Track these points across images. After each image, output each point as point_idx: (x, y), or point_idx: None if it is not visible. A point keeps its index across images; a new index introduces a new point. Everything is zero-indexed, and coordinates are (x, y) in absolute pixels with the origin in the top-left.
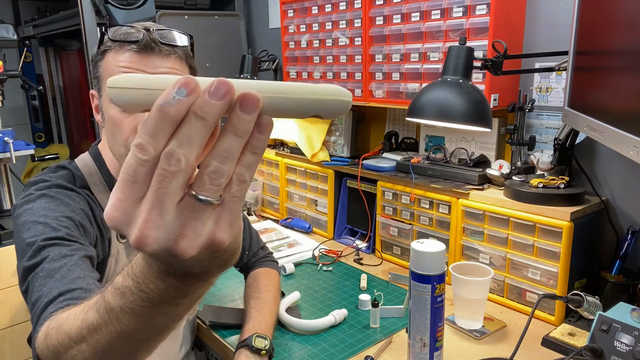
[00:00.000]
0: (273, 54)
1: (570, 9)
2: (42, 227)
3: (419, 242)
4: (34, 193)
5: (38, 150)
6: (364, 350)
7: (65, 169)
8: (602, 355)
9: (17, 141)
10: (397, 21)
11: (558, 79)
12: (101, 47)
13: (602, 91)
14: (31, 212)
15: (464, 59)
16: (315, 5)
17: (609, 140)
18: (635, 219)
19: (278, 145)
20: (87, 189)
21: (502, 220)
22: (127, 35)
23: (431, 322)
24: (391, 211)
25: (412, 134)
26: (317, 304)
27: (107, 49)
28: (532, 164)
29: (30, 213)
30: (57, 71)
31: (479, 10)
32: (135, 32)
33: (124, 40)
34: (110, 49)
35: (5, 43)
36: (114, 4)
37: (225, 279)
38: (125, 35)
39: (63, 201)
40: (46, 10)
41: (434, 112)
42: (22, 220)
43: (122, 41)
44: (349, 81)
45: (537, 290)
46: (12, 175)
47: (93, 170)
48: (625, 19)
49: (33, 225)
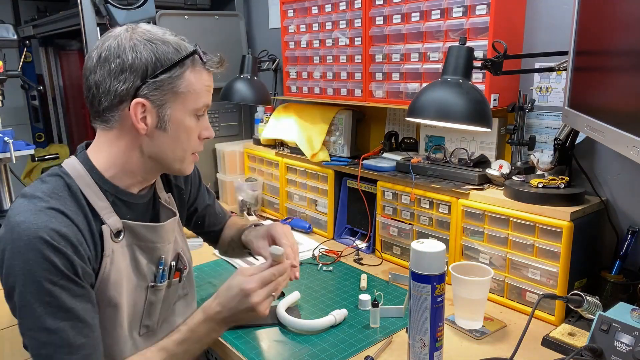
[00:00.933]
0: (273, 54)
1: (570, 9)
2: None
3: (419, 242)
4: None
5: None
6: (364, 350)
7: (56, 176)
8: (602, 355)
9: (17, 141)
10: (397, 21)
11: (558, 79)
12: (184, 63)
13: (602, 91)
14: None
15: (464, 59)
16: (315, 5)
17: (609, 140)
18: (635, 219)
19: (278, 145)
20: (78, 192)
21: (502, 220)
22: (210, 56)
23: (431, 322)
24: (391, 211)
25: (412, 134)
26: (317, 304)
27: (187, 65)
28: (532, 164)
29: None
30: (57, 71)
31: (479, 10)
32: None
33: (214, 60)
34: (192, 66)
35: (5, 43)
36: (114, 4)
37: (224, 279)
38: (209, 56)
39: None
40: (46, 10)
41: (434, 112)
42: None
43: (211, 62)
44: (349, 81)
45: (537, 290)
46: (12, 175)
47: (83, 173)
48: (625, 19)
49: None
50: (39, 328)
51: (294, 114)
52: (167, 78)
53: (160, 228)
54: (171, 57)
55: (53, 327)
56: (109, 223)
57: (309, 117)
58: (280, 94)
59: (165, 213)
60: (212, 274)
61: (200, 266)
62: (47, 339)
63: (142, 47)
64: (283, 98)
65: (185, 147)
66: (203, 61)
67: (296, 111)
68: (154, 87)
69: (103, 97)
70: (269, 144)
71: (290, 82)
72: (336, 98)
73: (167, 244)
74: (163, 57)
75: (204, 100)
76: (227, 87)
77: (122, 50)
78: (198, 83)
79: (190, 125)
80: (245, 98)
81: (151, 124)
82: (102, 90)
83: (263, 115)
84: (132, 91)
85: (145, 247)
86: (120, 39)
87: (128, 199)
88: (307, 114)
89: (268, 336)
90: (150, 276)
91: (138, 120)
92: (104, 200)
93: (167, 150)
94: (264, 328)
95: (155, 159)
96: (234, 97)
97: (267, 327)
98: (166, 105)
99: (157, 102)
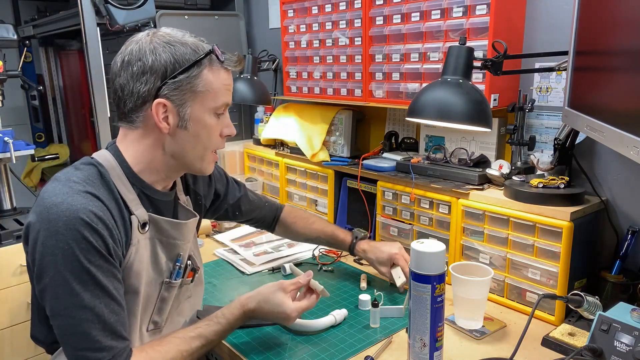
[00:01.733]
0: (273, 54)
1: (570, 9)
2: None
3: (419, 242)
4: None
5: (38, 150)
6: (364, 350)
7: (90, 164)
8: (602, 355)
9: (17, 141)
10: (397, 21)
11: (558, 79)
12: (201, 63)
13: (602, 91)
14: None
15: (464, 59)
16: (315, 5)
17: (609, 140)
18: (635, 219)
19: (278, 145)
20: (111, 182)
21: (502, 220)
22: (228, 55)
23: (431, 322)
24: (391, 211)
25: (412, 134)
26: (317, 304)
27: (204, 65)
28: (532, 164)
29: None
30: (57, 71)
31: (479, 10)
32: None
33: (232, 59)
34: (209, 65)
35: (5, 43)
36: (114, 4)
37: (225, 279)
38: (227, 55)
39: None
40: (46, 10)
41: (434, 112)
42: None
43: (229, 61)
44: (349, 81)
45: (537, 290)
46: (12, 175)
47: (114, 164)
48: (625, 19)
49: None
50: (77, 306)
51: (294, 114)
52: (185, 78)
53: (183, 225)
54: (189, 57)
55: (90, 304)
56: (137, 214)
57: (309, 117)
58: (280, 94)
59: (185, 214)
60: (212, 274)
61: None
62: (85, 316)
63: (162, 50)
64: (283, 98)
65: (207, 144)
66: (220, 60)
67: (296, 111)
68: (174, 87)
69: (127, 99)
70: (269, 144)
71: (290, 82)
72: (336, 98)
73: (186, 243)
74: (181, 58)
75: (223, 99)
76: None
77: (142, 53)
78: (216, 82)
79: (211, 123)
80: (245, 98)
81: (173, 123)
82: (126, 92)
83: (263, 115)
84: (154, 92)
85: (166, 242)
86: (141, 43)
87: (152, 194)
88: (307, 114)
89: (268, 336)
90: (166, 272)
91: (160, 120)
92: (132, 193)
93: (188, 147)
94: (264, 328)
95: (177, 157)
96: (234, 97)
97: (267, 327)
98: (186, 104)
99: (178, 102)
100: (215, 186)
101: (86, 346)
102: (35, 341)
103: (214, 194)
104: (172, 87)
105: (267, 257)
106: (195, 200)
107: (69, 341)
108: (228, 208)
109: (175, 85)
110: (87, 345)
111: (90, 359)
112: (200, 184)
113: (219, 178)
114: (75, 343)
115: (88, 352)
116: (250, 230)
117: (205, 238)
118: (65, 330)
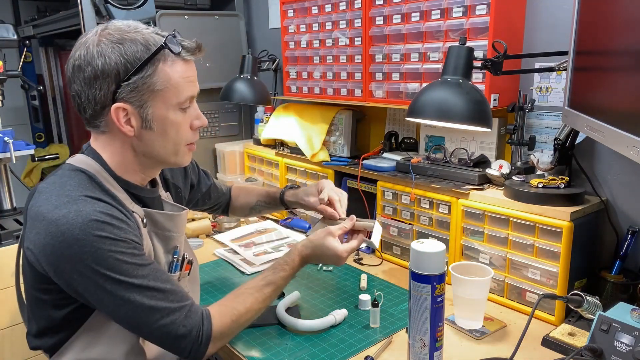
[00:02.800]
0: (273, 54)
1: (570, 9)
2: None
3: (419, 242)
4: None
5: (38, 150)
6: (364, 350)
7: (76, 171)
8: (602, 355)
9: (17, 141)
10: (397, 21)
11: (558, 79)
12: (154, 59)
13: (602, 91)
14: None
15: (464, 59)
16: (315, 5)
17: (609, 140)
18: (635, 219)
19: (278, 145)
20: (102, 184)
21: (502, 220)
22: (186, 44)
23: (431, 322)
24: (391, 211)
25: (412, 134)
26: (317, 304)
27: (158, 61)
28: (532, 164)
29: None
30: (57, 71)
31: (479, 10)
32: (177, 38)
33: (188, 49)
34: (163, 61)
35: (5, 43)
36: (114, 4)
37: (225, 279)
38: (179, 44)
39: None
40: (46, 10)
41: (434, 112)
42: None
43: (187, 50)
44: (349, 81)
45: (537, 290)
46: (12, 175)
47: (98, 168)
48: (625, 19)
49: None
50: (130, 291)
51: (294, 113)
52: (140, 78)
53: (177, 217)
54: (140, 55)
55: (141, 284)
56: (135, 210)
57: (309, 117)
58: (280, 94)
59: (170, 208)
60: (212, 273)
61: (200, 266)
62: (141, 295)
63: (110, 51)
64: (283, 98)
65: (176, 140)
66: (174, 53)
67: (296, 111)
68: (130, 90)
69: (86, 106)
70: (269, 144)
71: (290, 82)
72: (336, 98)
73: (181, 235)
74: (132, 58)
75: (186, 92)
76: (227, 87)
77: (91, 56)
78: (175, 76)
79: (176, 119)
80: (245, 98)
81: (136, 125)
82: (83, 99)
83: (263, 115)
84: (110, 96)
85: (162, 235)
86: (88, 46)
87: (139, 192)
88: (307, 114)
89: (268, 336)
90: (165, 265)
91: (122, 124)
92: (122, 192)
93: (158, 147)
94: (264, 328)
95: (149, 156)
96: (234, 97)
97: (267, 327)
98: (147, 105)
99: (137, 104)
100: (191, 177)
101: (158, 317)
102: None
103: (189, 185)
104: (128, 89)
105: (267, 257)
106: (176, 193)
107: (141, 324)
108: (199, 197)
109: (131, 87)
110: (158, 316)
111: (168, 324)
112: (179, 176)
113: (192, 169)
114: (147, 321)
115: (162, 320)
116: (250, 230)
117: (205, 238)
118: (132, 318)
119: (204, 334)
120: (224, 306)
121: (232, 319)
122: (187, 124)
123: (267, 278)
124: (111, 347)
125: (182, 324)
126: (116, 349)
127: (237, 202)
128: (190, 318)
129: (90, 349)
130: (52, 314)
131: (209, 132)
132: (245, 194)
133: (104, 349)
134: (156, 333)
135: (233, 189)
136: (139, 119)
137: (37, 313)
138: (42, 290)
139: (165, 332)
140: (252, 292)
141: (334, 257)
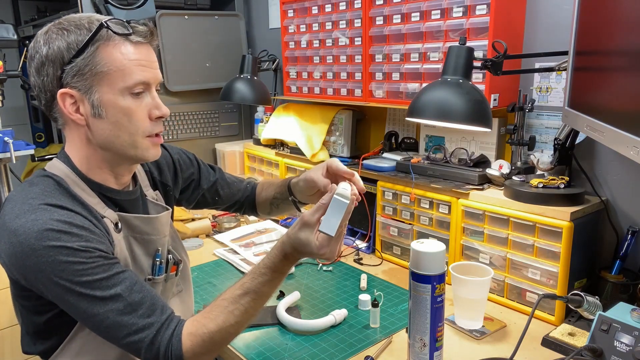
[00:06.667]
0: (273, 54)
1: (570, 9)
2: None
3: (419, 242)
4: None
5: (38, 150)
6: (364, 350)
7: (43, 177)
8: (602, 355)
9: (17, 141)
10: (397, 21)
11: (558, 79)
12: (95, 39)
13: (602, 91)
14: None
15: (464, 59)
16: (315, 5)
17: (609, 140)
18: (635, 219)
19: (278, 145)
20: (70, 190)
21: (502, 220)
22: (131, 28)
23: (431, 322)
24: (391, 211)
25: (412, 134)
26: (317, 304)
27: (99, 42)
28: (532, 164)
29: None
30: None
31: (479, 10)
32: (125, 23)
33: (130, 33)
34: (105, 41)
35: (5, 43)
36: (114, 4)
37: (225, 279)
38: (129, 27)
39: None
40: (46, 10)
41: (434, 112)
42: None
43: (129, 34)
44: (349, 81)
45: (537, 290)
46: (12, 175)
47: (67, 171)
48: (625, 19)
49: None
50: (93, 304)
51: (294, 114)
52: (81, 60)
53: (155, 220)
54: (82, 38)
55: (105, 296)
56: (107, 215)
57: (309, 117)
58: (280, 94)
59: (155, 209)
60: (212, 274)
61: (200, 266)
62: (106, 308)
63: (55, 37)
64: (283, 98)
65: (132, 130)
66: (115, 32)
67: (296, 111)
68: (73, 74)
69: (40, 96)
70: (269, 144)
71: (290, 82)
72: (336, 98)
73: (163, 237)
74: (74, 41)
75: (136, 76)
76: (227, 87)
77: (38, 45)
78: (120, 58)
79: (127, 106)
80: (245, 98)
81: (86, 112)
82: (36, 89)
83: (263, 115)
84: (56, 83)
85: (141, 239)
86: (37, 35)
87: (112, 195)
88: (307, 114)
89: (268, 336)
90: (147, 269)
91: (70, 112)
92: (94, 197)
93: (111, 137)
94: (264, 328)
95: (106, 148)
96: (234, 97)
97: (267, 327)
98: (93, 89)
99: (83, 89)
100: (184, 174)
101: (125, 333)
102: (27, 354)
103: (183, 181)
104: (72, 73)
105: None
106: (165, 192)
107: (109, 337)
108: (205, 194)
109: (74, 71)
110: (126, 332)
111: (135, 342)
112: (166, 173)
113: (189, 164)
114: (115, 335)
115: (129, 337)
116: (250, 230)
117: (205, 238)
118: (99, 329)
119: (174, 356)
120: (197, 323)
121: (203, 339)
122: (143, 112)
123: (245, 286)
124: (102, 353)
125: (151, 342)
126: (107, 355)
127: (260, 198)
128: (160, 336)
129: (81, 356)
130: (35, 320)
131: (209, 132)
132: (267, 188)
133: (95, 356)
134: (125, 349)
135: (258, 185)
136: (87, 105)
137: (22, 319)
138: (22, 297)
139: (134, 350)
140: (226, 306)
141: (309, 253)
